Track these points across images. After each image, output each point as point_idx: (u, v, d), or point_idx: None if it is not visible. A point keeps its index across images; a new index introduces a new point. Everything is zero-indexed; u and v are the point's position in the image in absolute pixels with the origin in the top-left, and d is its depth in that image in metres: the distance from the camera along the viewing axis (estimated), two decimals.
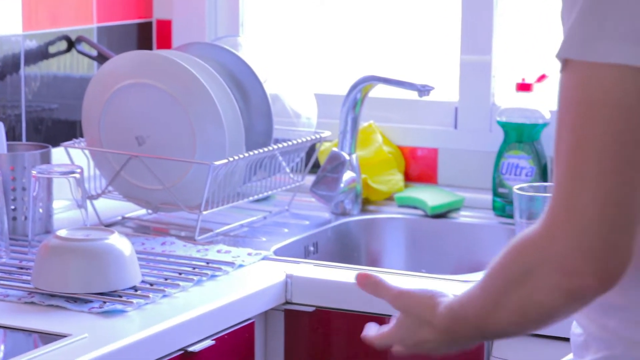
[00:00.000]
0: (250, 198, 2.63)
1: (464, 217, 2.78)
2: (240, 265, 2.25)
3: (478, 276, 2.01)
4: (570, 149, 1.34)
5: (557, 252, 1.33)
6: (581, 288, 1.34)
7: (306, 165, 2.72)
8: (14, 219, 2.44)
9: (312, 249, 2.53)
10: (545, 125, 2.72)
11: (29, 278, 2.08)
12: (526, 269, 1.38)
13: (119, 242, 2.07)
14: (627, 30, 1.31)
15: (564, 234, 1.33)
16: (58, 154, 2.51)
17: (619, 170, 1.32)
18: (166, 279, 2.12)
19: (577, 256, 1.32)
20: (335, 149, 2.64)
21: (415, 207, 2.70)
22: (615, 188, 1.32)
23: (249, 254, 2.32)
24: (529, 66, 2.87)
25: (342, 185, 2.63)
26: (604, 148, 1.32)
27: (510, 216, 2.64)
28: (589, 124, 1.33)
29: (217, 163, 2.35)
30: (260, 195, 2.67)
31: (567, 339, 1.68)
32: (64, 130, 2.75)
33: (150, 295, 2.03)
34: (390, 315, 1.98)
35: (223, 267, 2.21)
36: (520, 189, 2.51)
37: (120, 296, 2.03)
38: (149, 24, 3.04)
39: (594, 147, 1.33)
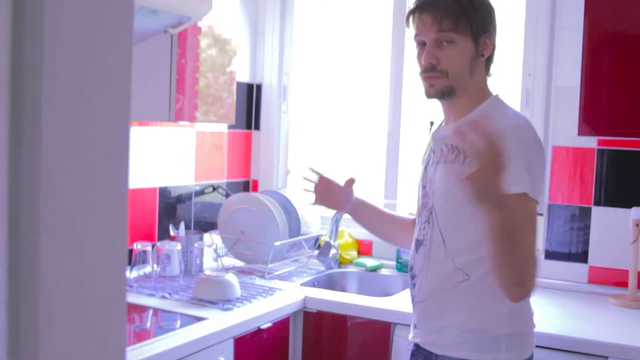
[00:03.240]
0: (290, 259, 2.84)
1: (383, 271, 2.84)
2: (284, 290, 2.43)
3: (385, 300, 2.30)
4: (527, 236, 1.48)
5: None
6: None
7: (315, 246, 2.91)
8: (186, 265, 2.59)
9: (316, 283, 2.70)
10: None
11: (191, 291, 2.29)
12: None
13: (232, 277, 2.30)
14: (540, 185, 1.54)
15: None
16: (207, 236, 2.75)
17: (534, 246, 1.51)
18: (251, 295, 2.33)
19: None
20: (327, 240, 2.77)
21: (361, 266, 2.85)
22: (530, 260, 1.49)
23: (288, 285, 2.51)
24: None
25: (330, 255, 2.78)
26: (532, 236, 1.51)
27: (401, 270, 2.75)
28: (532, 223, 1.50)
29: (276, 244, 2.62)
30: (294, 258, 2.86)
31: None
32: (209, 226, 2.94)
33: (244, 302, 2.24)
34: (356, 317, 2.27)
35: (276, 290, 2.41)
36: None
37: (231, 301, 2.24)
38: (248, 181, 3.23)
39: (531, 235, 1.50)
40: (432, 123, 1.84)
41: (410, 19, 1.71)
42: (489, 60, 1.72)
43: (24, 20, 0.51)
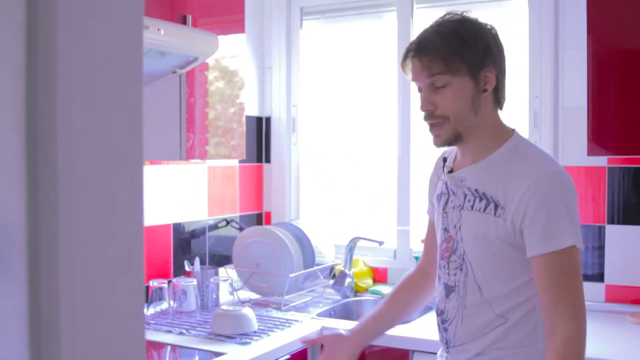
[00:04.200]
0: (306, 290, 2.87)
1: None
2: (301, 321, 2.46)
3: (403, 328, 2.21)
4: (576, 286, 1.49)
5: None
6: None
7: (330, 275, 2.96)
8: (202, 300, 2.60)
9: (333, 313, 2.72)
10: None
11: (208, 326, 2.32)
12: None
13: (248, 311, 2.32)
14: (579, 233, 1.49)
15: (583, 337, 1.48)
16: (222, 271, 2.76)
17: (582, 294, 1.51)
18: (268, 327, 2.35)
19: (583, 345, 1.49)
20: (342, 269, 2.89)
21: (377, 294, 2.86)
22: (582, 307, 1.50)
23: (305, 316, 2.54)
24: None
25: (345, 284, 2.85)
26: (579, 285, 1.50)
27: None
28: (578, 274, 1.49)
29: (291, 275, 2.65)
30: (310, 289, 2.91)
31: None
32: (224, 260, 2.98)
33: (262, 335, 2.26)
34: (374, 346, 2.18)
35: (293, 322, 2.44)
36: None
37: (248, 335, 2.25)
38: (261, 214, 3.30)
39: (579, 285, 1.50)
40: (445, 159, 1.75)
41: (405, 64, 1.63)
42: (497, 92, 1.62)
43: (37, 68, 0.52)
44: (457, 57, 1.55)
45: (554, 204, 1.49)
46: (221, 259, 2.96)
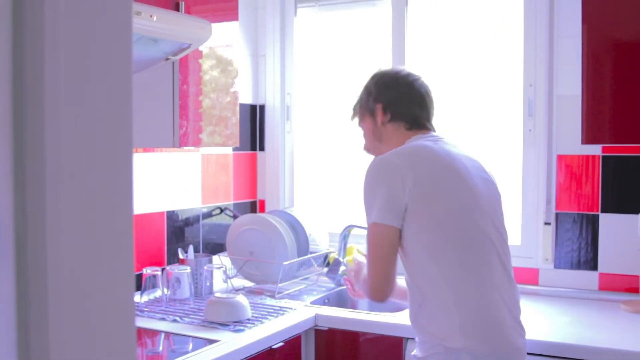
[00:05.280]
0: (300, 278, 2.89)
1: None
2: (295, 309, 2.48)
3: (396, 315, 2.34)
4: (371, 255, 1.89)
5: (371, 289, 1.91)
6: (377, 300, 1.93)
7: (324, 263, 3.00)
8: (196, 287, 2.63)
9: (327, 300, 2.74)
10: None
11: (202, 314, 2.34)
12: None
13: (242, 298, 2.33)
14: (383, 211, 1.83)
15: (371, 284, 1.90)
16: (216, 258, 2.84)
17: (382, 263, 1.87)
18: (262, 315, 2.37)
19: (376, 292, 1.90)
20: (336, 257, 2.88)
21: None
22: (381, 270, 1.87)
23: (299, 303, 2.56)
24: None
25: (339, 272, 2.85)
26: (376, 256, 1.88)
27: None
28: (374, 246, 1.87)
29: (285, 263, 2.66)
30: (304, 277, 2.93)
31: None
32: (218, 248, 3.00)
33: (255, 323, 2.28)
34: (368, 333, 2.31)
35: (287, 310, 2.47)
36: None
37: (242, 322, 2.27)
38: (255, 202, 3.31)
39: (375, 255, 1.88)
40: None
41: None
42: (398, 118, 2.00)
43: (24, 54, 0.52)
44: (357, 106, 2.10)
45: (364, 187, 1.89)
46: (215, 247, 2.97)
